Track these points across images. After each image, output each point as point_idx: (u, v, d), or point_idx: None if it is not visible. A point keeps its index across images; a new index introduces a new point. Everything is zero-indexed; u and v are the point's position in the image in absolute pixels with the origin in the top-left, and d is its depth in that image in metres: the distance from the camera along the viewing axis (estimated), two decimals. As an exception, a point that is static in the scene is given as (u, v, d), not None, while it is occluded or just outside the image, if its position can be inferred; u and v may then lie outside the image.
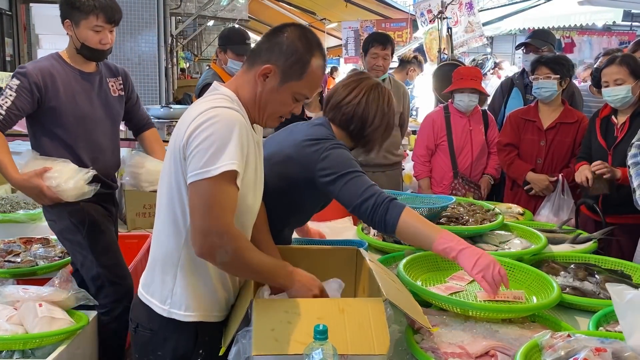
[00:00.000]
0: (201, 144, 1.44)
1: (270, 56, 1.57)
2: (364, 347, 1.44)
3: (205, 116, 1.47)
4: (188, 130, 1.47)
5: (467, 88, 3.64)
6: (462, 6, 6.40)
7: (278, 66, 1.56)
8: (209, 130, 1.44)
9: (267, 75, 1.57)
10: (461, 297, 1.92)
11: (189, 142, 1.46)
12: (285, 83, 1.58)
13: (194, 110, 1.52)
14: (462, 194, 3.57)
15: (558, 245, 2.55)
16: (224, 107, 1.50)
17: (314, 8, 11.20)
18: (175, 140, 1.54)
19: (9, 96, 2.41)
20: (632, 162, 2.66)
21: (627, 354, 1.31)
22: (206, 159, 1.43)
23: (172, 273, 1.60)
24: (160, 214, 1.63)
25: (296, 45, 1.57)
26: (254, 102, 1.60)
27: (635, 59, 2.97)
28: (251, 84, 1.59)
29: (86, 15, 2.48)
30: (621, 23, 11.87)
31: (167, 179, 1.58)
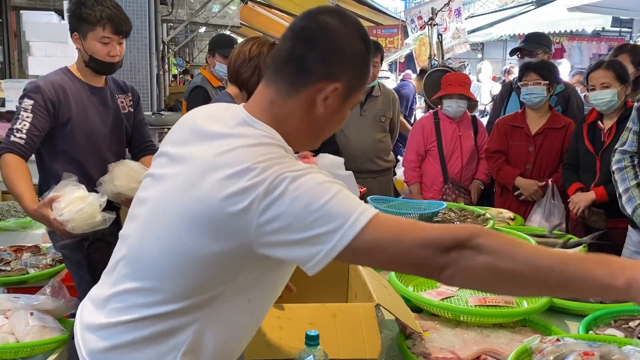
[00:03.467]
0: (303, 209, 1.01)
1: (332, 69, 1.14)
2: (356, 351, 1.45)
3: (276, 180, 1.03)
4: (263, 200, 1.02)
5: (455, 94, 3.67)
6: (451, 13, 6.45)
7: (344, 81, 1.15)
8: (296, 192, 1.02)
9: (327, 97, 1.16)
10: (452, 302, 1.93)
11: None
12: (351, 96, 1.19)
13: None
14: (453, 199, 3.59)
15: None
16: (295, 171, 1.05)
17: (306, 14, 11.24)
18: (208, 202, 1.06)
19: (26, 118, 2.27)
20: (617, 168, 2.70)
21: (615, 357, 1.32)
22: (335, 213, 1.02)
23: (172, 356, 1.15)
24: (159, 282, 1.14)
25: (360, 47, 1.17)
26: (307, 132, 1.20)
27: (622, 64, 3.02)
28: (303, 109, 1.17)
29: (93, 26, 2.39)
30: (610, 29, 12.02)
31: (173, 246, 1.12)
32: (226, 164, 1.07)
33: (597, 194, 2.91)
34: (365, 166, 4.11)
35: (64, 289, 2.25)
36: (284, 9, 11.25)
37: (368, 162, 4.12)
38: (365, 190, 3.20)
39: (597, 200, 2.91)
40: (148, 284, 1.16)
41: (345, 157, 4.08)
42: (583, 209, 2.95)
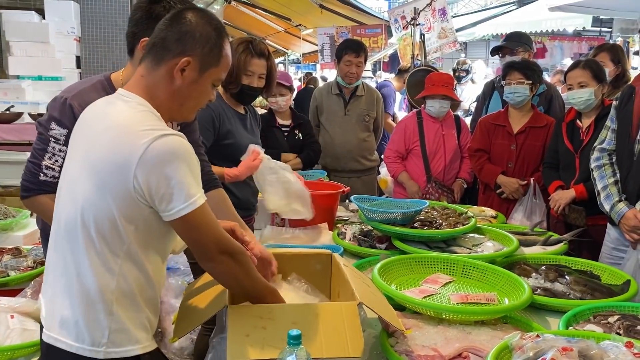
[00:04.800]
0: (173, 181, 1.37)
1: (184, 47, 1.47)
2: (339, 350, 1.45)
3: (160, 154, 1.36)
4: (143, 170, 1.36)
5: (438, 94, 3.69)
6: (435, 12, 6.48)
7: (195, 56, 1.47)
8: (174, 165, 1.37)
9: (184, 68, 1.47)
10: (435, 300, 1.95)
11: (156, 183, 1.37)
12: (206, 72, 1.50)
13: (132, 135, 1.38)
14: (436, 198, 3.61)
15: (530, 247, 2.60)
16: (169, 135, 1.39)
17: (290, 14, 11.22)
18: (113, 167, 1.39)
19: (58, 152, 1.86)
20: (595, 166, 2.74)
21: (593, 352, 1.34)
22: (185, 193, 1.38)
23: (107, 310, 1.42)
24: (75, 246, 1.43)
25: (208, 31, 1.49)
26: (171, 100, 1.50)
27: (599, 64, 3.07)
28: (165, 81, 1.48)
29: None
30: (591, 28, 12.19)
31: (90, 205, 1.41)
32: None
33: (577, 191, 2.96)
34: (349, 165, 4.13)
35: (45, 292, 2.22)
36: (268, 9, 11.22)
37: (352, 161, 4.14)
38: (349, 189, 3.21)
39: (577, 198, 2.96)
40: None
41: (329, 156, 4.12)
42: (563, 207, 2.99)
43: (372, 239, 2.67)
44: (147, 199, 1.39)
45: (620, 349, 1.36)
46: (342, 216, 3.21)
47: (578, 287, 2.10)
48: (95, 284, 1.42)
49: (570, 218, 3.00)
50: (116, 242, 1.42)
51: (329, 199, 3.02)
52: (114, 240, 1.42)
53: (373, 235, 2.70)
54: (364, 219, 2.70)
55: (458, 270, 2.18)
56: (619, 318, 1.80)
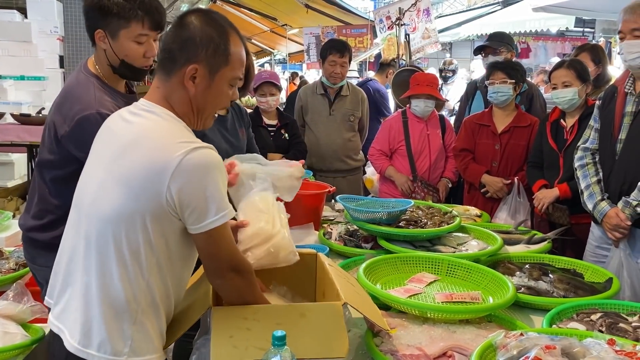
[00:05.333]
0: (200, 195, 1.38)
1: (188, 55, 1.44)
2: (324, 350, 1.45)
3: (192, 168, 1.37)
4: (175, 183, 1.36)
5: (423, 94, 3.71)
6: (420, 13, 6.51)
7: (201, 61, 1.45)
8: (204, 181, 1.38)
9: (194, 76, 1.45)
10: (420, 299, 1.95)
11: (186, 196, 1.37)
12: (216, 74, 1.47)
13: (165, 147, 1.38)
14: (422, 197, 3.63)
15: (514, 246, 2.62)
16: (201, 148, 1.40)
17: (275, 14, 11.20)
18: (146, 178, 1.38)
19: None
20: (579, 165, 2.77)
21: (576, 350, 1.35)
22: (212, 209, 1.39)
23: (132, 319, 1.43)
24: (106, 257, 1.43)
25: (208, 33, 1.45)
26: (190, 109, 1.50)
27: (583, 64, 3.10)
28: (180, 91, 1.47)
29: (127, 22, 1.96)
30: (574, 29, 12.32)
31: (120, 217, 1.40)
32: None
33: (561, 190, 2.99)
34: (334, 165, 4.13)
35: (27, 294, 2.20)
36: (254, 8, 11.20)
37: (337, 161, 4.14)
38: (335, 189, 3.21)
39: (560, 197, 2.98)
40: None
41: (314, 156, 4.12)
42: (547, 206, 3.02)
43: (357, 239, 2.67)
44: (178, 211, 1.40)
45: (602, 346, 1.37)
46: (328, 216, 3.21)
47: (561, 285, 2.12)
48: (123, 295, 1.43)
49: (554, 217, 3.03)
50: (146, 256, 1.42)
51: (315, 198, 3.02)
52: (144, 254, 1.42)
53: (359, 235, 2.70)
54: (350, 219, 2.71)
55: (443, 269, 2.19)
56: (602, 316, 1.82)
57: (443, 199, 3.72)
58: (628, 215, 2.49)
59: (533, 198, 3.14)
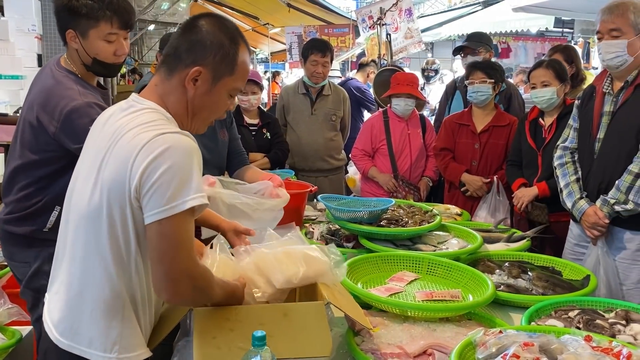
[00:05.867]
0: (161, 178, 1.29)
1: (196, 57, 1.43)
2: (307, 350, 1.45)
3: (158, 146, 1.31)
4: (140, 163, 1.31)
5: (404, 93, 3.73)
6: (402, 12, 6.53)
7: (207, 65, 1.43)
8: (168, 162, 1.30)
9: (196, 78, 1.43)
10: (400, 297, 1.96)
11: (145, 177, 1.30)
12: (219, 81, 1.46)
13: (132, 137, 1.35)
14: (403, 196, 3.65)
15: (493, 244, 2.65)
16: (174, 133, 1.35)
17: (257, 13, 11.18)
18: (109, 170, 1.37)
19: None
20: (558, 164, 2.81)
21: (554, 347, 1.37)
22: (170, 193, 1.29)
23: (119, 316, 1.42)
24: (89, 253, 1.42)
25: (220, 39, 1.44)
26: (185, 110, 1.47)
27: (561, 64, 3.15)
28: (178, 91, 1.45)
29: (96, 22, 2.03)
30: (553, 29, 12.45)
31: (96, 215, 1.39)
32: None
33: (540, 189, 3.03)
34: (316, 165, 4.14)
35: (4, 296, 2.17)
36: (235, 7, 11.16)
37: (319, 160, 4.15)
38: (317, 188, 3.21)
39: (539, 195, 3.02)
40: None
41: (296, 156, 4.12)
42: (526, 204, 3.06)
43: (339, 238, 2.68)
44: (139, 197, 1.33)
45: (579, 343, 1.39)
46: (310, 215, 3.21)
47: (540, 283, 2.15)
48: (109, 291, 1.41)
49: (533, 215, 3.07)
50: (127, 250, 1.40)
51: (297, 198, 3.01)
52: (124, 248, 1.40)
53: (340, 234, 2.71)
54: (331, 218, 2.71)
55: (423, 267, 2.21)
56: (579, 312, 1.85)
57: (424, 198, 3.75)
58: (606, 213, 2.53)
59: (512, 197, 3.17)
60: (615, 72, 2.58)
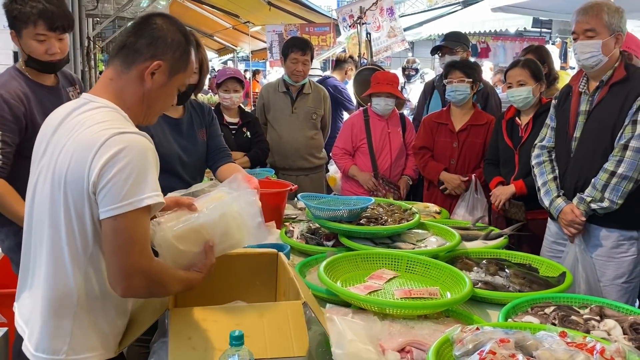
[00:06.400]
0: (118, 175, 1.33)
1: (156, 51, 1.51)
2: (283, 349, 1.45)
3: (116, 145, 1.35)
4: (98, 160, 1.34)
5: (384, 92, 3.74)
6: (383, 12, 6.55)
7: (166, 60, 1.52)
8: (124, 160, 1.34)
9: (155, 72, 1.51)
10: (379, 295, 1.97)
11: (102, 174, 1.34)
12: (174, 76, 1.55)
13: (91, 135, 1.38)
14: (383, 194, 3.66)
15: (471, 241, 2.67)
16: (131, 133, 1.40)
17: (237, 11, 11.11)
18: (67, 168, 1.40)
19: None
20: (536, 162, 2.84)
21: (529, 343, 1.39)
22: (126, 190, 1.33)
23: (71, 315, 1.44)
24: (44, 252, 1.45)
25: (179, 37, 1.55)
26: (140, 102, 1.53)
27: (537, 63, 3.18)
28: (135, 84, 1.51)
29: (25, 24, 2.26)
30: (531, 29, 12.59)
31: (53, 210, 1.42)
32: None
33: (517, 187, 3.06)
34: (297, 163, 4.13)
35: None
36: (215, 5, 11.08)
37: (300, 159, 4.14)
38: (297, 187, 3.21)
39: (516, 193, 3.05)
40: None
41: (277, 154, 4.11)
42: (504, 202, 3.08)
43: (319, 237, 2.68)
44: (96, 193, 1.37)
45: (554, 339, 1.41)
46: (290, 214, 3.20)
47: (517, 279, 2.17)
48: (62, 288, 1.43)
49: (510, 213, 3.10)
50: (83, 245, 1.42)
51: (277, 197, 3.02)
52: (80, 243, 1.42)
53: (320, 233, 2.71)
54: (311, 217, 2.71)
55: (402, 265, 2.22)
56: (555, 309, 1.87)
57: (404, 197, 3.77)
58: (583, 211, 2.57)
59: (490, 195, 3.20)
60: (590, 72, 2.62)
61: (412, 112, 6.67)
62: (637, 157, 2.44)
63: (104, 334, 1.49)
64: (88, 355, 1.46)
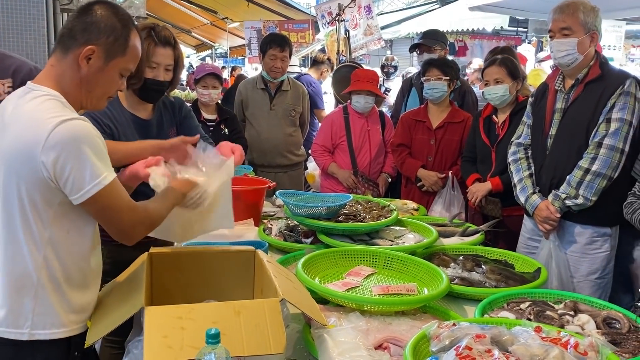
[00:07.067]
0: (74, 167, 1.44)
1: (89, 36, 1.55)
2: (260, 347, 1.44)
3: (62, 136, 1.43)
4: (46, 157, 1.43)
5: (364, 90, 3.74)
6: (361, 9, 6.56)
7: (100, 45, 1.55)
8: (73, 152, 1.45)
9: (89, 56, 1.55)
10: (357, 292, 1.97)
11: (57, 170, 1.44)
12: (111, 61, 1.58)
13: (38, 122, 1.45)
14: (362, 191, 3.67)
15: (449, 238, 2.69)
16: (72, 120, 1.47)
17: (215, 7, 11.03)
18: (23, 154, 1.46)
19: None
20: (512, 159, 2.87)
21: (505, 338, 1.40)
22: (88, 176, 1.46)
23: (31, 294, 1.52)
24: (1, 235, 1.54)
25: (113, 22, 1.58)
26: (79, 87, 1.58)
27: (513, 61, 3.21)
28: (72, 69, 1.56)
29: None
30: (508, 28, 12.72)
31: (8, 195, 1.50)
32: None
33: (493, 184, 3.09)
34: (275, 160, 4.12)
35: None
36: (193, 0, 10.99)
37: (279, 156, 4.13)
38: (275, 184, 3.19)
39: (493, 190, 3.08)
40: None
41: (255, 151, 4.09)
42: (480, 199, 3.11)
43: (297, 234, 2.67)
44: (56, 183, 1.46)
45: (529, 334, 1.42)
46: (268, 212, 3.19)
47: (493, 275, 2.19)
48: (21, 269, 1.50)
49: (487, 209, 3.13)
50: (39, 230, 1.50)
51: (255, 194, 3.00)
52: (36, 227, 1.50)
53: (299, 230, 2.70)
54: (290, 214, 2.70)
55: (380, 262, 2.22)
56: (530, 304, 1.89)
57: (383, 194, 3.78)
58: (557, 207, 2.60)
59: (467, 191, 3.23)
60: (566, 70, 2.65)
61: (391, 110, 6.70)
62: (610, 154, 2.48)
63: (68, 312, 1.56)
64: (52, 331, 1.54)
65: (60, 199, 1.50)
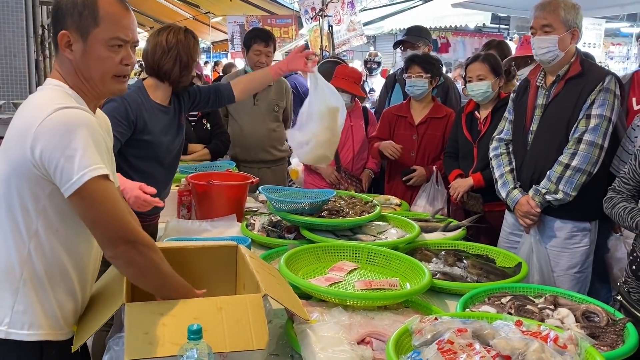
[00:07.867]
0: (63, 156, 1.36)
1: (57, 23, 1.51)
2: (243, 343, 1.43)
3: (53, 126, 1.38)
4: (37, 137, 1.38)
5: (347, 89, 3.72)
6: (344, 5, 6.55)
7: (70, 27, 1.49)
8: (66, 137, 1.37)
9: (68, 42, 1.50)
10: (340, 287, 1.97)
11: (47, 152, 1.37)
12: (87, 37, 1.50)
13: (35, 110, 1.43)
14: (345, 187, 3.67)
15: (431, 233, 2.70)
16: (66, 108, 1.41)
17: (198, 1, 10.96)
18: (16, 142, 1.42)
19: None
20: (494, 155, 2.89)
21: (486, 332, 1.41)
22: (76, 166, 1.36)
23: (13, 289, 1.47)
24: None
25: (73, 1, 1.50)
26: (77, 78, 1.54)
27: (496, 58, 3.23)
28: (65, 62, 1.53)
29: None
30: (490, 25, 12.80)
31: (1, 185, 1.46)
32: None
33: (475, 179, 3.11)
34: (258, 156, 4.10)
35: None
36: (175, -5, 10.89)
37: (262, 151, 4.11)
38: (259, 180, 3.18)
39: (474, 186, 3.11)
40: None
41: (238, 147, 4.07)
42: (462, 194, 3.13)
43: (280, 230, 2.67)
44: (46, 173, 1.40)
45: (510, 328, 1.43)
46: (251, 207, 3.18)
47: (474, 270, 2.21)
48: (3, 263, 1.45)
49: (469, 205, 3.15)
50: (25, 223, 1.45)
51: (238, 190, 2.98)
52: (23, 220, 1.45)
53: (282, 226, 2.69)
54: (273, 210, 2.69)
55: (363, 257, 2.22)
56: (511, 299, 1.91)
57: (366, 190, 3.78)
58: (538, 202, 2.63)
59: (449, 187, 3.25)
60: (547, 67, 2.67)
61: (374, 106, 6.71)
62: (590, 150, 2.51)
63: (50, 314, 1.50)
64: (31, 332, 1.48)
65: (49, 191, 1.43)
